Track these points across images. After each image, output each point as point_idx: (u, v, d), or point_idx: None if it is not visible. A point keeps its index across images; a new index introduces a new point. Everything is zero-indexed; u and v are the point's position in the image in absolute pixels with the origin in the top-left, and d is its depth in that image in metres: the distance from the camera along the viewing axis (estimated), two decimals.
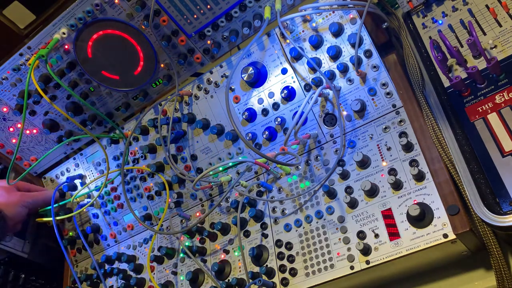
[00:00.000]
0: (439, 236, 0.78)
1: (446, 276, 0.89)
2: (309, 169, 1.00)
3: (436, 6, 0.92)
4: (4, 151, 1.33)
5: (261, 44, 1.05)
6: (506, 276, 0.77)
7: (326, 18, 0.98)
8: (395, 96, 0.93)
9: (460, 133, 0.80)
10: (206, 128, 1.12)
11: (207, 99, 1.12)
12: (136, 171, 1.23)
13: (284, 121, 1.03)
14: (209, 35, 1.07)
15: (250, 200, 1.03)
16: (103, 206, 1.30)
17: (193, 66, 1.13)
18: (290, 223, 0.97)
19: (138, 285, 1.14)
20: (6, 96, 1.22)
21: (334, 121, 0.99)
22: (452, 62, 0.87)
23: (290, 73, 1.02)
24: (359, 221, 0.88)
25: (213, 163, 1.12)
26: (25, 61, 1.15)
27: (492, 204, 0.71)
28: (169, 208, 1.18)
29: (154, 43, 1.09)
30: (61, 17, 1.07)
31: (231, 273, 1.01)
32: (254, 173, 1.08)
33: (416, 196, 0.84)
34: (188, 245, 1.10)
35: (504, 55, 0.81)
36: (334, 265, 0.88)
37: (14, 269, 1.47)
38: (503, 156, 0.73)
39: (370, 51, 0.93)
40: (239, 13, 1.03)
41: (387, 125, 0.93)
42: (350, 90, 0.97)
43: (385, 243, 0.83)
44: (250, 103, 1.07)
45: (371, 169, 0.91)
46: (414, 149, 0.88)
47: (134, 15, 1.05)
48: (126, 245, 1.25)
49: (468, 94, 0.82)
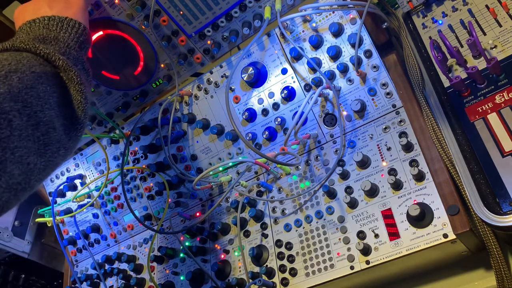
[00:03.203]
0: (439, 236, 0.78)
1: (446, 276, 0.89)
2: (309, 169, 1.00)
3: (436, 6, 0.92)
4: None
5: (261, 44, 1.05)
6: (506, 276, 0.77)
7: (326, 18, 0.98)
8: (395, 96, 0.93)
9: (460, 133, 0.80)
10: (206, 128, 1.12)
11: (207, 99, 1.12)
12: (136, 171, 1.23)
13: (284, 121, 1.03)
14: (209, 35, 1.07)
15: (250, 200, 1.03)
16: (103, 206, 1.30)
17: (193, 66, 1.13)
18: (290, 223, 0.97)
19: (138, 285, 1.14)
20: None
21: (334, 121, 0.99)
22: (452, 62, 0.87)
23: (290, 73, 1.02)
24: (359, 221, 0.88)
25: (213, 163, 1.12)
26: None
27: (492, 204, 0.71)
28: (169, 208, 1.18)
29: (154, 43, 1.09)
30: None
31: (231, 273, 1.01)
32: (254, 173, 1.08)
33: (416, 196, 0.84)
34: (188, 245, 1.10)
35: (504, 55, 0.81)
36: (334, 265, 0.88)
37: (14, 269, 1.48)
38: (503, 156, 0.73)
39: (370, 51, 0.93)
40: (239, 13, 1.03)
41: (387, 125, 0.93)
42: (350, 90, 0.97)
43: (385, 243, 0.83)
44: (250, 103, 1.07)
45: (371, 169, 0.91)
46: (414, 149, 0.88)
47: (134, 15, 1.05)
48: (126, 245, 1.25)
49: (468, 94, 0.82)
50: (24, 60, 0.66)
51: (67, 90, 0.71)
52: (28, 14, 0.84)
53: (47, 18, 0.81)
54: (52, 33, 0.79)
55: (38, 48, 0.70)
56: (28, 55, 0.68)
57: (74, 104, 0.72)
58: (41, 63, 0.69)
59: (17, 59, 0.65)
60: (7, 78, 0.61)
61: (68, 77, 0.71)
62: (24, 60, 0.66)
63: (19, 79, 0.62)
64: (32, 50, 0.70)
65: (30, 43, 0.70)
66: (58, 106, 0.69)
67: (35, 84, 0.65)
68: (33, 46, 0.70)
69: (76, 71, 0.72)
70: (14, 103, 0.60)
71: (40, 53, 0.70)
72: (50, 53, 0.70)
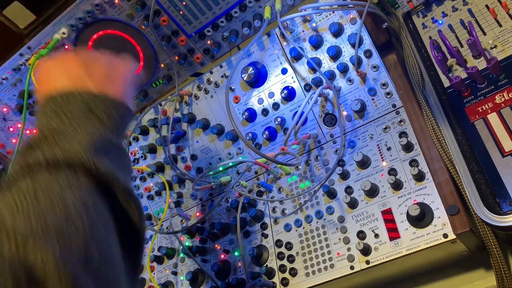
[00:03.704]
0: (439, 236, 0.78)
1: (446, 276, 0.89)
2: (309, 169, 1.00)
3: (436, 6, 0.92)
4: (4, 151, 1.33)
5: (261, 44, 1.05)
6: (506, 276, 0.77)
7: (326, 18, 0.98)
8: (395, 96, 0.93)
9: (460, 133, 0.80)
10: (206, 128, 1.12)
11: (207, 99, 1.12)
12: (136, 171, 1.23)
13: (284, 121, 1.03)
14: (209, 35, 1.07)
15: (250, 200, 1.03)
16: None
17: (193, 66, 1.13)
18: (290, 223, 0.97)
19: None
20: (6, 96, 1.22)
21: (334, 121, 0.99)
22: (452, 62, 0.87)
23: (290, 73, 1.02)
24: (359, 221, 0.88)
25: (213, 163, 1.12)
26: (25, 61, 1.15)
27: (492, 204, 0.71)
28: (169, 208, 1.18)
29: (154, 43, 1.09)
30: (61, 17, 1.07)
31: (231, 273, 1.01)
32: (254, 173, 1.08)
33: (416, 196, 0.84)
34: (188, 245, 1.10)
35: (504, 55, 0.81)
36: (334, 265, 0.88)
37: None
38: (503, 156, 0.73)
39: (370, 51, 0.93)
40: (239, 13, 1.03)
41: (387, 125, 0.93)
42: (350, 90, 0.97)
43: (385, 243, 0.83)
44: (250, 103, 1.07)
45: (371, 169, 0.91)
46: (414, 149, 0.88)
47: (134, 15, 1.05)
48: None
49: (468, 94, 0.82)
50: (86, 196, 0.53)
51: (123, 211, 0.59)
52: (59, 80, 0.65)
53: (90, 97, 0.63)
54: (102, 129, 0.61)
55: (100, 170, 0.56)
56: (86, 181, 0.55)
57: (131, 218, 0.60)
58: (96, 187, 0.56)
59: (81, 196, 0.52)
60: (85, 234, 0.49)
61: (127, 203, 0.59)
62: (86, 196, 0.53)
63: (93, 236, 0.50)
64: (92, 170, 0.55)
65: (87, 158, 0.55)
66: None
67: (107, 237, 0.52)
68: (92, 163, 0.55)
69: (136, 200, 0.59)
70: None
71: (103, 180, 0.56)
72: (114, 180, 0.57)
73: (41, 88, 0.67)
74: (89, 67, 0.67)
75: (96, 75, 0.67)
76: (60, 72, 0.67)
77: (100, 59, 0.71)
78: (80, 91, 0.63)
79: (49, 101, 0.62)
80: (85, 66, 0.67)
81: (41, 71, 0.70)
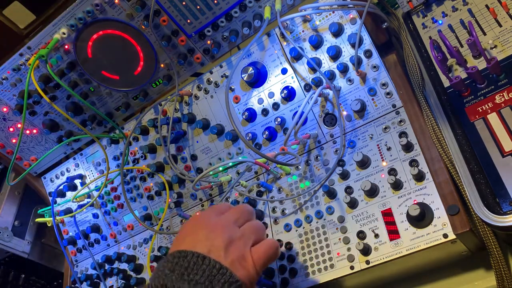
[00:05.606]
0: (439, 236, 0.78)
1: (446, 276, 0.89)
2: (309, 169, 1.00)
3: (436, 6, 0.92)
4: (4, 151, 1.33)
5: (261, 44, 1.05)
6: (506, 276, 0.77)
7: (326, 18, 0.98)
8: (395, 96, 0.93)
9: (460, 133, 0.80)
10: (206, 128, 1.12)
11: (207, 99, 1.12)
12: (136, 171, 1.23)
13: (284, 121, 1.03)
14: (209, 35, 1.07)
15: (250, 200, 1.03)
16: (103, 206, 1.30)
17: (193, 66, 1.13)
18: (290, 223, 0.97)
19: (138, 285, 1.14)
20: (6, 96, 1.22)
21: (334, 121, 0.99)
22: (452, 62, 0.87)
23: (290, 73, 1.02)
24: (359, 221, 0.88)
25: (213, 163, 1.12)
26: (25, 61, 1.15)
27: (492, 204, 0.71)
28: (169, 208, 1.18)
29: (154, 43, 1.09)
30: (61, 17, 1.07)
31: None
32: (254, 173, 1.08)
33: (416, 196, 0.84)
34: None
35: (504, 55, 0.81)
36: (334, 265, 0.88)
37: (14, 269, 1.48)
38: (503, 156, 0.73)
39: (370, 51, 0.93)
40: (239, 13, 1.03)
41: (387, 125, 0.93)
42: (350, 90, 0.97)
43: (385, 243, 0.83)
44: (250, 103, 1.07)
45: (371, 169, 0.91)
46: (414, 149, 0.88)
47: (134, 15, 1.05)
48: (126, 245, 1.25)
49: (468, 94, 0.82)
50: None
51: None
52: (201, 242, 0.68)
53: (220, 268, 0.64)
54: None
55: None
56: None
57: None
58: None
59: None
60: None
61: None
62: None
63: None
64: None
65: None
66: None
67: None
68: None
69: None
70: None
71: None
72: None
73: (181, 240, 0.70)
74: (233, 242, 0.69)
75: (233, 254, 0.68)
76: (205, 234, 0.69)
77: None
78: (217, 262, 0.65)
79: (180, 258, 0.65)
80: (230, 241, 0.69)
81: (193, 224, 0.73)
